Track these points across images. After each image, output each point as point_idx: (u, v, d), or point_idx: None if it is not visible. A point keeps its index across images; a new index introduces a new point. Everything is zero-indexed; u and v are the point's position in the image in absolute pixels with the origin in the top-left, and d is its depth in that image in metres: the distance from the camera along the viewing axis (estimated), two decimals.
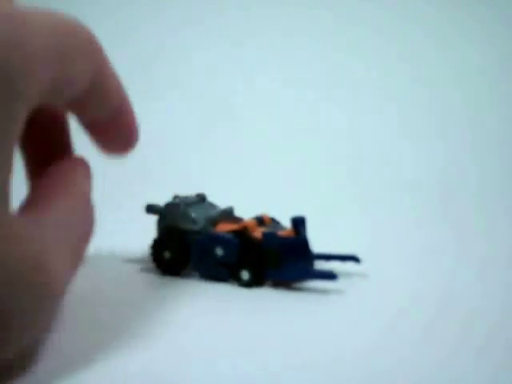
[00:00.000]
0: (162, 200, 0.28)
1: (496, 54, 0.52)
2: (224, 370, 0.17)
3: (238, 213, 0.29)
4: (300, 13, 0.56)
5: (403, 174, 0.46)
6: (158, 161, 0.50)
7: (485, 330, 0.20)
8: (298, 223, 0.26)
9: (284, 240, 0.25)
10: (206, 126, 0.53)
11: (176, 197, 0.29)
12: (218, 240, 0.26)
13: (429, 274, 0.28)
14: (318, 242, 0.27)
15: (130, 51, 0.55)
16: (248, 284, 0.25)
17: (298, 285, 0.25)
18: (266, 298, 0.24)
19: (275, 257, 0.25)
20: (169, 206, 0.28)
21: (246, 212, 0.29)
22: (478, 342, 0.19)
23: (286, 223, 0.28)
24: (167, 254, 0.27)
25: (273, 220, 0.28)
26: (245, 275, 0.25)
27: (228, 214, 0.29)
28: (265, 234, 0.25)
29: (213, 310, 0.23)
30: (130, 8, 0.58)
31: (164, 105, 0.54)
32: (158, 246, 0.27)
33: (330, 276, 0.24)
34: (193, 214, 0.27)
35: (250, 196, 0.36)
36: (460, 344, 0.19)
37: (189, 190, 0.30)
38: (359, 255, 0.28)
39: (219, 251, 0.26)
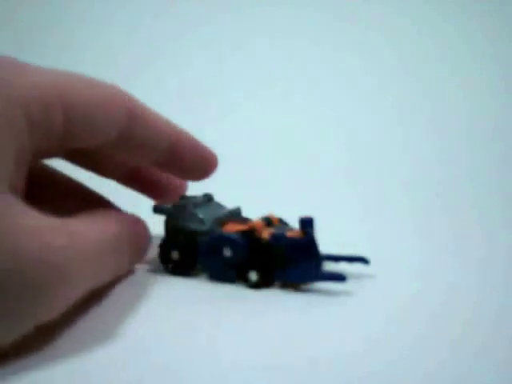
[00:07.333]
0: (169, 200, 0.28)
1: (496, 54, 0.52)
2: (231, 371, 0.17)
3: (245, 213, 0.29)
4: (300, 14, 0.56)
5: (414, 176, 0.46)
6: None
7: (490, 330, 0.20)
8: (306, 224, 0.26)
9: (292, 241, 0.25)
10: (212, 125, 0.53)
11: (183, 197, 0.29)
12: (226, 240, 0.26)
13: (437, 275, 0.27)
14: (326, 243, 0.26)
15: (132, 49, 0.55)
16: (256, 285, 0.25)
17: (307, 286, 0.25)
18: (274, 299, 0.24)
19: (283, 258, 0.25)
20: (176, 206, 0.28)
21: (254, 212, 0.29)
22: (484, 343, 0.19)
23: (294, 224, 0.28)
24: (175, 255, 0.27)
25: (281, 221, 0.28)
26: (253, 276, 0.25)
27: (235, 215, 0.29)
28: (273, 235, 0.25)
29: (220, 310, 0.23)
30: (129, 9, 0.58)
31: (170, 103, 0.54)
32: (165, 247, 0.27)
33: (339, 277, 0.24)
34: (200, 215, 0.27)
35: (257, 196, 0.36)
36: (465, 344, 0.19)
37: (196, 190, 0.30)
38: (368, 256, 0.27)
39: (227, 252, 0.25)
